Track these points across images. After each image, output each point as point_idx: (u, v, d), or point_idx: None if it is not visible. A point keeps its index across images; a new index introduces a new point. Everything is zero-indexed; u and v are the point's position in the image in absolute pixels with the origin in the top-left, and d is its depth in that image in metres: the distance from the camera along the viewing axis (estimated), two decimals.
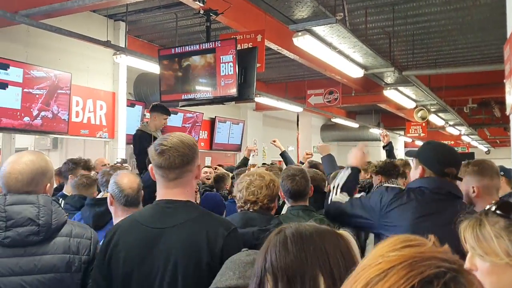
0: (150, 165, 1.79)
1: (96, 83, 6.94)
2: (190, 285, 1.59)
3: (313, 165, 4.53)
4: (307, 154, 5.31)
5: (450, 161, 2.20)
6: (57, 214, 1.86)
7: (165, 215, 1.71)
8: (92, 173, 4.47)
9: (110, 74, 7.18)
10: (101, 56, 6.82)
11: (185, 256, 1.61)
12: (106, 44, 5.81)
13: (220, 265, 1.30)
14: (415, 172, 2.28)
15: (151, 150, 1.72)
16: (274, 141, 5.75)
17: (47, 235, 1.82)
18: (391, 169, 4.42)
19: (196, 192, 3.28)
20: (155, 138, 5.36)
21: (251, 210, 2.22)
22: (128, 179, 2.45)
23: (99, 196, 3.32)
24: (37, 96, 5.79)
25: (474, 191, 2.34)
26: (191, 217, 1.69)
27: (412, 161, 2.39)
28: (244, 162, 5.51)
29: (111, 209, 2.48)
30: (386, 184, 2.28)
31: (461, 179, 2.25)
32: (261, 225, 2.11)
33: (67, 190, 4.02)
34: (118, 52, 5.99)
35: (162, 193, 1.76)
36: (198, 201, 3.57)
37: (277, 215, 2.43)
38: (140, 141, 4.99)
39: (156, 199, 1.78)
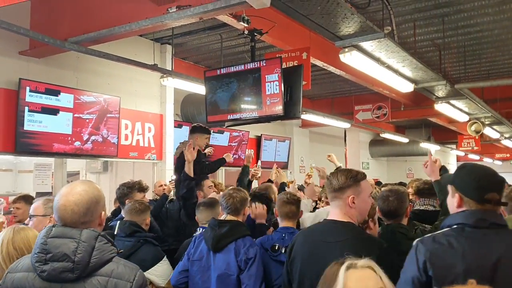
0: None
1: (144, 106, 7.05)
2: None
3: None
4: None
5: (491, 186, 1.93)
6: (100, 251, 1.77)
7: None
8: (144, 195, 4.52)
9: (157, 96, 7.29)
10: (148, 79, 6.94)
11: None
12: (153, 67, 5.89)
13: None
14: (452, 200, 2.02)
15: None
16: (329, 156, 5.64)
17: (83, 273, 1.73)
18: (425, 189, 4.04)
19: None
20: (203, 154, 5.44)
21: None
22: None
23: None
24: (87, 120, 5.93)
25: None
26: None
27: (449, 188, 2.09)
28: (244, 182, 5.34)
29: None
30: (416, 239, 1.96)
31: (506, 204, 2.03)
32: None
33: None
34: (165, 75, 6.07)
35: None
36: None
37: None
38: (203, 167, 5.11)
39: None
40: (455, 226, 1.92)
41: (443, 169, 3.38)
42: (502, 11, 6.15)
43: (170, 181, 5.91)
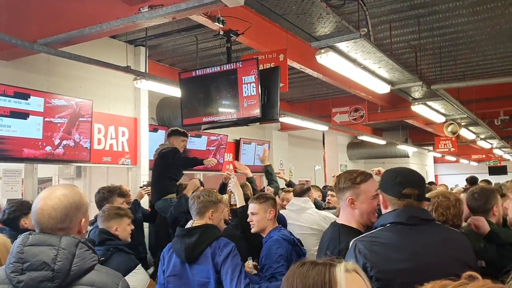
0: None
1: (118, 110, 6.89)
2: None
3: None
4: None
5: (408, 182, 2.04)
6: (81, 259, 1.67)
7: None
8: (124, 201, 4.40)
9: (131, 99, 7.13)
10: (122, 82, 6.79)
11: None
12: (126, 69, 5.76)
13: None
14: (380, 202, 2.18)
15: None
16: (278, 173, 6.06)
17: (64, 282, 1.63)
18: None
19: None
20: None
21: None
22: None
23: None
24: (58, 125, 5.75)
25: None
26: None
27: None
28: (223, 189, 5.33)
29: None
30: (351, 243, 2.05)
31: (428, 200, 2.14)
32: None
33: None
34: (138, 77, 5.93)
35: None
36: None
37: None
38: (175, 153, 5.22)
39: None
40: (388, 225, 2.01)
41: None
42: (476, 12, 6.20)
43: (141, 187, 5.79)
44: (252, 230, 3.41)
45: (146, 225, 5.70)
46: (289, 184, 5.70)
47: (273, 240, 3.22)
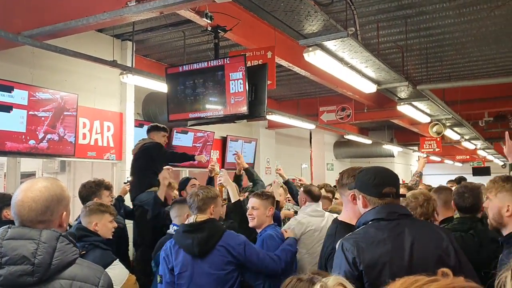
0: None
1: (103, 104, 6.83)
2: None
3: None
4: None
5: (386, 181, 2.17)
6: (62, 253, 1.65)
7: None
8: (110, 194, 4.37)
9: (117, 94, 7.07)
10: (108, 77, 6.72)
11: None
12: (113, 64, 5.71)
13: None
14: (358, 202, 2.24)
15: None
16: (279, 170, 5.97)
17: (44, 276, 1.60)
18: None
19: None
20: None
21: None
22: None
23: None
24: (42, 118, 5.67)
25: (508, 210, 2.17)
26: None
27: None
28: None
29: None
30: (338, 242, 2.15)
31: (404, 196, 2.30)
32: None
33: None
34: (124, 72, 5.88)
35: None
36: None
37: None
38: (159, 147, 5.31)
39: None
40: (370, 222, 2.12)
41: None
42: (462, 14, 6.26)
43: (125, 183, 5.75)
44: (250, 224, 3.49)
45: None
46: (287, 183, 5.65)
47: (267, 235, 3.34)
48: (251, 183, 5.38)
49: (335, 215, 4.16)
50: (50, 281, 1.63)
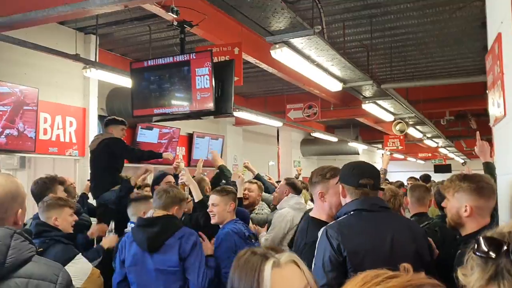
0: None
1: (66, 99, 6.66)
2: None
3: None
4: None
5: (364, 173, 2.28)
6: (16, 250, 1.59)
7: None
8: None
9: (80, 89, 6.91)
10: (70, 71, 6.55)
11: None
12: (75, 58, 5.56)
13: None
14: (340, 192, 2.36)
15: None
16: (247, 163, 6.02)
17: None
18: None
19: None
20: None
21: None
22: None
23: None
24: (0, 113, 5.49)
25: (466, 211, 2.16)
26: None
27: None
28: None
29: None
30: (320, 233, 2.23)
31: (382, 189, 2.36)
32: None
33: None
34: (88, 66, 5.74)
35: None
36: None
37: None
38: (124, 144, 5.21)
39: None
40: (352, 212, 2.21)
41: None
42: (425, 15, 6.40)
43: (89, 180, 5.62)
44: (212, 221, 3.47)
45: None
46: (257, 177, 5.61)
47: (223, 233, 3.31)
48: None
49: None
50: (4, 280, 1.57)
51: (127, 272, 3.09)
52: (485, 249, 0.91)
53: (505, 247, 0.90)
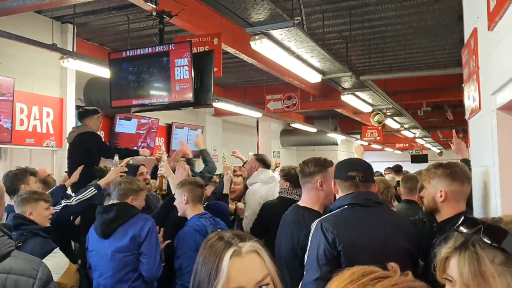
0: None
1: (42, 89, 6.55)
2: None
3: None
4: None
5: (352, 166, 2.32)
6: None
7: None
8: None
9: (57, 79, 6.80)
10: (47, 61, 6.43)
11: None
12: (52, 47, 5.45)
13: None
14: (332, 186, 2.39)
15: None
16: (235, 153, 5.93)
17: None
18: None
19: None
20: None
21: None
22: None
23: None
24: None
25: (441, 196, 2.23)
26: None
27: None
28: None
29: None
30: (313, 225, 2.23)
31: (373, 181, 2.33)
32: None
33: None
34: (65, 56, 5.64)
35: None
36: None
37: None
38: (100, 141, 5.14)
39: None
40: (346, 206, 2.22)
41: None
42: (403, 7, 6.47)
43: (66, 172, 5.54)
44: (179, 214, 3.46)
45: None
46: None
47: (183, 233, 3.25)
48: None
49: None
50: None
51: (88, 257, 3.19)
52: (464, 226, 1.07)
53: (479, 226, 1.04)
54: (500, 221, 1.08)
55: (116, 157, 4.15)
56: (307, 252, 2.16)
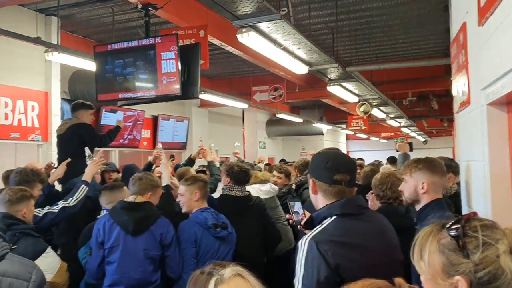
0: None
1: (27, 82, 6.46)
2: None
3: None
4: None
5: (339, 167, 1.92)
6: None
7: None
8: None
9: (42, 72, 6.71)
10: (31, 54, 6.34)
11: None
12: (36, 41, 5.36)
13: None
14: (310, 187, 2.02)
15: None
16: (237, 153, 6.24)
17: None
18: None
19: None
20: None
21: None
22: None
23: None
24: None
25: (423, 187, 2.37)
26: None
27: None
28: (189, 163, 5.55)
29: None
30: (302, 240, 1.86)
31: (359, 185, 2.25)
32: None
33: None
34: (49, 49, 5.56)
35: None
36: None
37: None
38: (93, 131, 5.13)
39: None
40: (335, 217, 1.87)
41: None
42: None
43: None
44: (183, 210, 3.48)
45: None
46: (209, 165, 5.65)
47: (184, 223, 3.35)
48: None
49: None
50: None
51: (108, 252, 3.15)
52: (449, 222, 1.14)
53: (459, 225, 1.11)
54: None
55: (87, 150, 4.12)
56: (299, 278, 1.78)
